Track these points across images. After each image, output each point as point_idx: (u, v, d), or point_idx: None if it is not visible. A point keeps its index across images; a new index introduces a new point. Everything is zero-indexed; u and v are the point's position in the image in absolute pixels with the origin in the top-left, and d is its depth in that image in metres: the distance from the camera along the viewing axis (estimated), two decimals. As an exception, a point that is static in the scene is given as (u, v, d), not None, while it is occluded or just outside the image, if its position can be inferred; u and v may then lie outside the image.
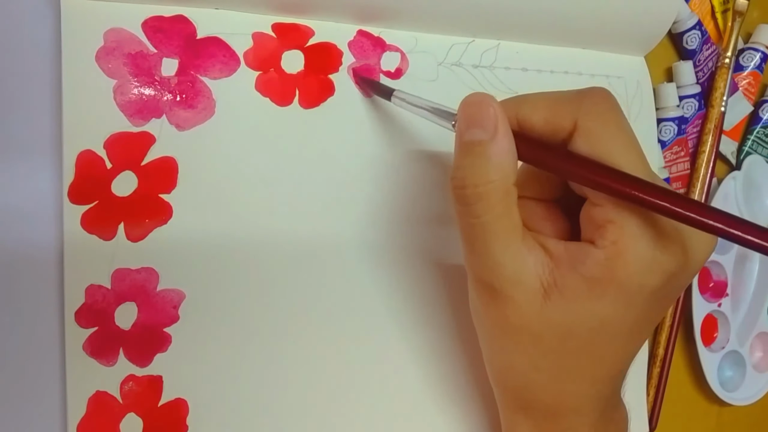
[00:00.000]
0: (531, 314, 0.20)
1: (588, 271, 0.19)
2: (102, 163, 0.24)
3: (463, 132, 0.20)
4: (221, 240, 0.26)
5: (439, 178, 0.30)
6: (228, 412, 0.26)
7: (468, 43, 0.31)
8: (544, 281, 0.20)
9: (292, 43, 0.27)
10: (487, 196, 0.20)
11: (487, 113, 0.20)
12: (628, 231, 0.19)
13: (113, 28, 0.24)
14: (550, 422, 0.23)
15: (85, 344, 0.24)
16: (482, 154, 0.20)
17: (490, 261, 0.20)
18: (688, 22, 0.38)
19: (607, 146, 0.19)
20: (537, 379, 0.22)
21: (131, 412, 0.24)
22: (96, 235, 0.24)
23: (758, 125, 0.43)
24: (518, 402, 0.23)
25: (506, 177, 0.20)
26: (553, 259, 0.20)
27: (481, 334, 0.24)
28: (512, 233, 0.20)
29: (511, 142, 0.20)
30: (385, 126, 0.29)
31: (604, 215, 0.19)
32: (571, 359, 0.21)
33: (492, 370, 0.24)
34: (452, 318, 0.30)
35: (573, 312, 0.20)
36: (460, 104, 0.21)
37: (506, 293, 0.20)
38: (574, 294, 0.20)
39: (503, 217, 0.20)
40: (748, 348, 0.42)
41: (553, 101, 0.21)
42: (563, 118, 0.20)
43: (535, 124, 0.21)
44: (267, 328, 0.27)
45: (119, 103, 0.24)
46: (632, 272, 0.19)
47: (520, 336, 0.21)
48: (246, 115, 0.26)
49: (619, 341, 0.21)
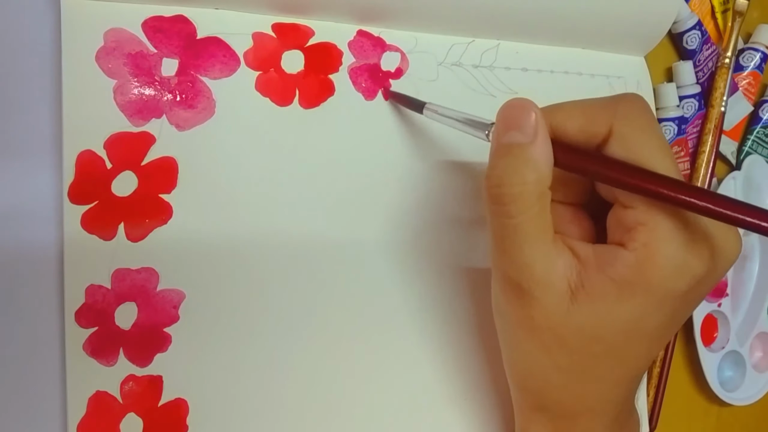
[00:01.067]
0: (557, 316, 0.20)
1: (617, 273, 0.19)
2: (102, 163, 0.24)
3: (502, 134, 0.21)
4: (221, 240, 0.26)
5: (438, 177, 0.30)
6: (228, 412, 0.26)
7: (468, 43, 0.31)
8: (572, 283, 0.20)
9: (292, 43, 0.27)
10: (523, 198, 0.20)
11: (527, 117, 0.20)
12: (660, 234, 0.19)
13: (113, 28, 0.24)
14: (566, 422, 0.23)
15: (85, 344, 0.24)
16: (520, 157, 0.20)
17: (520, 261, 0.20)
18: (688, 22, 0.38)
19: (642, 151, 0.20)
20: (558, 380, 0.22)
21: (131, 412, 0.24)
22: (96, 235, 0.24)
23: (758, 125, 0.43)
24: (536, 402, 0.23)
25: (542, 180, 0.20)
26: (581, 262, 0.20)
27: (502, 334, 0.24)
28: (544, 235, 0.20)
29: (549, 146, 0.20)
30: (385, 126, 0.29)
31: (635, 218, 0.19)
32: (594, 361, 0.21)
33: (512, 370, 0.24)
34: (456, 318, 0.30)
35: (599, 314, 0.20)
36: (501, 107, 0.21)
37: (533, 294, 0.20)
38: (602, 296, 0.20)
39: (536, 219, 0.20)
40: (748, 348, 0.42)
41: (587, 108, 0.21)
42: (598, 124, 0.21)
43: (569, 131, 0.21)
44: (267, 328, 0.27)
45: (119, 103, 0.24)
46: (662, 275, 0.19)
47: (544, 337, 0.21)
48: (246, 115, 0.27)
49: (642, 344, 0.21)
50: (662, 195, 0.18)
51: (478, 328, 0.31)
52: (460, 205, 0.31)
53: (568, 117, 0.21)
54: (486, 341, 0.31)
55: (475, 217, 0.31)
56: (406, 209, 0.30)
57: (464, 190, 0.31)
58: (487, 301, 0.31)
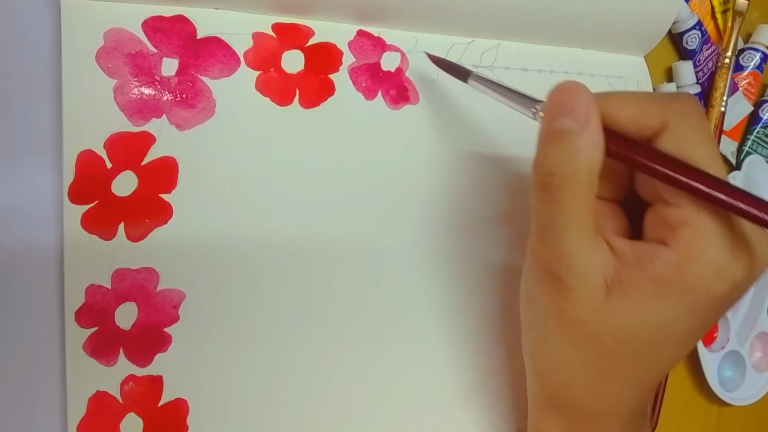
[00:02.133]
0: (590, 310, 0.20)
1: (656, 271, 0.19)
2: (102, 163, 0.24)
3: (553, 119, 0.20)
4: (221, 240, 0.26)
5: (439, 176, 0.30)
6: (228, 412, 0.26)
7: (468, 43, 0.31)
8: (608, 278, 0.20)
9: (292, 42, 0.27)
10: (572, 186, 0.20)
11: (580, 102, 0.20)
12: (705, 235, 0.19)
13: (113, 28, 0.24)
14: (584, 423, 0.23)
15: (85, 344, 0.24)
16: (572, 143, 0.20)
17: (562, 251, 0.20)
18: (688, 22, 0.38)
19: (694, 150, 0.19)
20: (581, 377, 0.22)
21: (131, 412, 0.24)
22: (96, 235, 0.24)
23: (758, 125, 0.43)
24: (554, 399, 0.23)
25: (593, 169, 0.20)
26: (618, 257, 0.20)
27: (530, 326, 0.23)
28: (588, 226, 0.20)
29: (601, 135, 0.20)
30: (385, 126, 0.29)
31: (680, 216, 0.19)
32: (621, 361, 0.21)
33: (534, 364, 0.24)
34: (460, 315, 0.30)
35: (633, 312, 0.20)
36: (552, 90, 0.21)
37: (570, 286, 0.20)
38: (638, 294, 0.19)
39: (583, 209, 0.20)
40: (748, 348, 0.42)
41: (641, 100, 0.21)
42: (652, 117, 0.20)
43: (621, 120, 0.21)
44: (267, 328, 0.27)
45: (119, 102, 0.24)
46: (703, 277, 0.19)
47: (574, 331, 0.21)
48: (246, 114, 0.26)
49: (671, 348, 0.21)
50: (712, 196, 0.18)
51: (489, 327, 0.31)
52: (461, 203, 0.31)
53: (620, 106, 0.21)
54: (494, 339, 0.31)
55: (476, 214, 0.31)
56: (406, 208, 0.29)
57: (465, 188, 0.31)
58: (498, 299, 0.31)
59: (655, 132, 0.20)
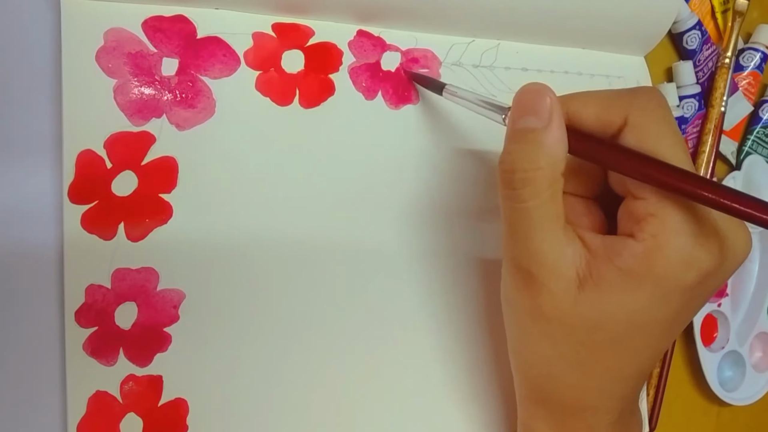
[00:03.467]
0: (564, 304, 0.20)
1: (625, 263, 0.19)
2: (102, 163, 0.24)
3: (517, 119, 0.21)
4: (221, 240, 0.26)
5: (439, 175, 0.30)
6: (228, 412, 0.26)
7: (468, 43, 0.31)
8: (580, 272, 0.20)
9: (292, 42, 0.27)
10: (535, 182, 0.20)
11: (543, 102, 0.20)
12: (670, 225, 0.19)
13: (113, 27, 0.24)
14: (569, 418, 0.23)
15: (85, 344, 0.24)
16: (534, 141, 0.20)
17: (531, 247, 0.21)
18: (688, 22, 0.38)
19: (657, 142, 0.20)
20: (561, 371, 0.22)
21: (131, 412, 0.24)
22: (96, 235, 0.24)
23: (758, 125, 0.43)
24: (539, 394, 0.23)
25: (555, 165, 0.20)
26: (590, 251, 0.20)
27: (509, 322, 0.24)
28: (555, 221, 0.20)
29: (564, 132, 0.20)
30: (385, 125, 0.29)
31: (645, 209, 0.19)
32: (598, 353, 0.21)
33: (516, 360, 0.24)
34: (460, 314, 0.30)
35: (605, 304, 0.20)
36: (517, 92, 0.21)
37: (542, 281, 0.21)
38: (609, 286, 0.20)
39: (548, 204, 0.20)
40: (748, 348, 0.42)
41: (603, 98, 0.21)
42: (614, 114, 0.21)
43: (585, 119, 0.21)
44: (267, 328, 0.27)
45: (119, 102, 0.24)
46: (670, 267, 0.19)
47: (550, 326, 0.21)
48: (246, 114, 0.26)
49: (648, 338, 0.21)
50: (673, 186, 0.18)
51: (484, 325, 0.31)
52: (461, 203, 0.31)
53: (583, 105, 0.21)
54: (493, 337, 0.31)
55: (477, 214, 0.31)
56: (406, 208, 0.29)
57: (465, 187, 0.31)
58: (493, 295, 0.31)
59: (618, 128, 0.21)
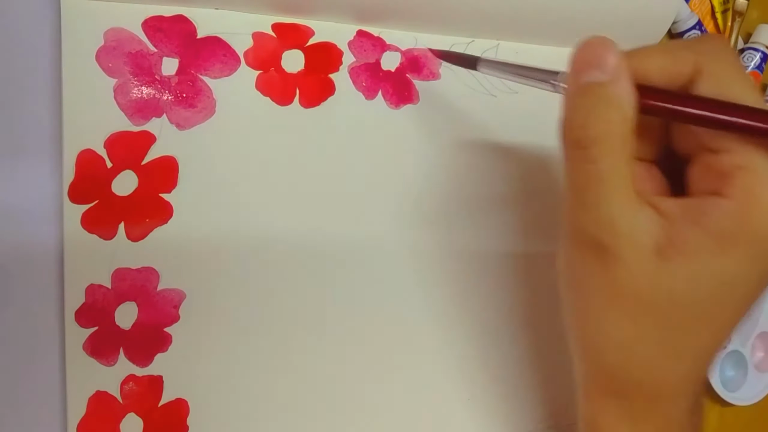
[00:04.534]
0: (643, 277, 0.19)
1: (715, 224, 0.18)
2: (102, 163, 0.24)
3: (580, 74, 0.19)
4: (221, 240, 0.26)
5: (440, 175, 0.30)
6: (228, 412, 0.26)
7: (468, 43, 0.31)
8: (659, 241, 0.18)
9: (292, 42, 0.28)
10: (608, 139, 0.18)
11: (607, 54, 0.19)
12: (763, 177, 0.17)
13: (113, 27, 0.24)
14: (645, 409, 0.21)
15: (86, 344, 0.24)
16: (603, 96, 0.19)
17: (603, 214, 0.19)
18: (688, 22, 0.38)
19: (734, 88, 0.18)
20: (638, 354, 0.20)
21: (131, 412, 0.24)
22: (96, 235, 0.24)
23: None
24: (610, 384, 0.21)
25: (627, 120, 0.18)
26: (666, 218, 0.19)
27: (574, 306, 0.22)
28: (628, 185, 0.19)
29: (632, 85, 0.19)
30: (385, 125, 0.29)
31: (731, 161, 0.18)
32: (683, 330, 0.19)
33: (582, 345, 0.22)
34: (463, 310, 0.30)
35: (693, 272, 0.18)
36: (577, 47, 0.20)
37: (617, 252, 0.19)
38: (696, 252, 0.18)
39: (620, 165, 0.19)
40: (750, 348, 0.42)
41: (668, 49, 0.20)
42: (683, 63, 0.19)
43: (651, 72, 0.19)
44: (267, 328, 0.27)
45: (119, 102, 0.24)
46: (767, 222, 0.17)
47: (627, 303, 0.19)
48: (246, 114, 0.26)
49: (735, 304, 0.19)
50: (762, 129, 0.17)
51: (491, 320, 0.31)
52: (462, 202, 0.31)
53: (648, 58, 0.19)
54: (500, 332, 0.31)
55: (477, 213, 0.31)
56: (406, 207, 0.29)
57: (466, 188, 0.31)
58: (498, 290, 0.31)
59: (689, 78, 0.19)
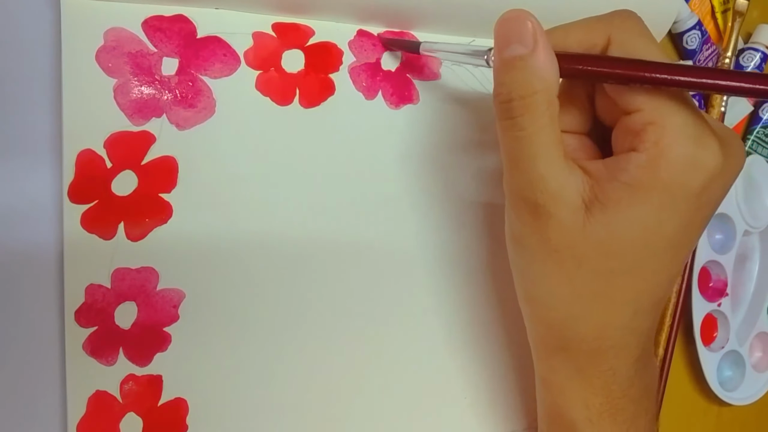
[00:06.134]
0: (574, 232, 0.20)
1: (630, 176, 0.19)
2: (102, 163, 0.24)
3: (503, 49, 0.21)
4: (221, 240, 0.26)
5: (440, 175, 0.30)
6: (228, 412, 0.26)
7: (468, 42, 0.31)
8: (585, 197, 0.20)
9: (292, 42, 0.27)
10: (533, 107, 0.20)
11: (525, 27, 0.20)
12: (670, 129, 0.19)
13: (113, 27, 0.24)
14: (591, 363, 0.22)
15: (85, 344, 0.24)
16: (525, 68, 0.20)
17: (535, 175, 0.20)
18: (688, 22, 0.38)
19: (640, 50, 0.20)
20: (579, 309, 0.22)
21: (131, 412, 0.24)
22: (96, 235, 0.24)
23: (758, 125, 0.43)
24: (555, 340, 0.23)
25: (549, 88, 0.20)
26: (592, 177, 0.20)
27: (519, 266, 0.23)
28: (556, 147, 0.20)
29: (552, 54, 0.20)
30: (385, 125, 0.29)
31: (642, 119, 0.19)
32: (615, 283, 0.21)
33: (530, 306, 0.23)
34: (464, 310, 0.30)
35: (616, 223, 0.20)
36: (496, 23, 0.21)
37: (549, 210, 0.20)
38: (617, 203, 0.20)
39: (547, 129, 0.20)
40: (748, 348, 0.42)
41: (583, 24, 0.22)
42: (596, 36, 0.21)
43: (568, 47, 0.21)
44: (267, 328, 0.27)
45: (119, 102, 0.24)
46: (676, 171, 0.19)
47: (562, 257, 0.21)
48: (246, 114, 0.26)
49: (662, 257, 0.21)
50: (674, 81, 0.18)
51: (491, 321, 0.31)
52: (462, 202, 0.31)
53: (565, 32, 0.22)
54: (499, 334, 0.31)
55: (478, 213, 0.31)
56: (406, 207, 0.29)
57: (466, 188, 0.31)
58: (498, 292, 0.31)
59: (602, 48, 0.21)
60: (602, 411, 0.23)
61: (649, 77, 0.19)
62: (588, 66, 0.20)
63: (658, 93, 0.19)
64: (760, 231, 0.42)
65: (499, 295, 0.31)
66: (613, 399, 0.23)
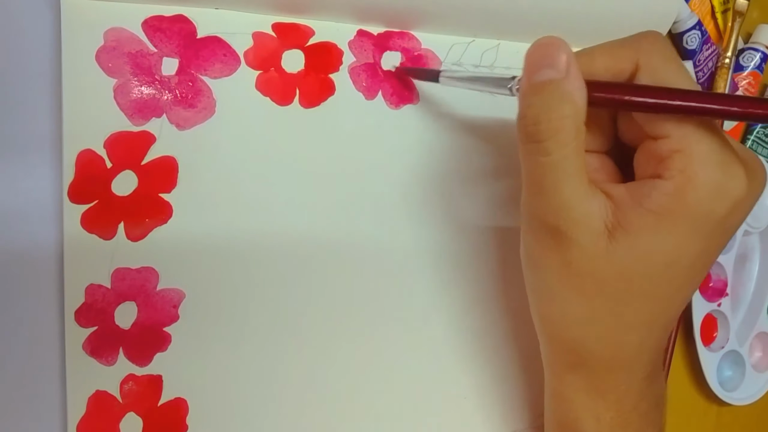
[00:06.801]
0: (595, 257, 0.20)
1: (655, 203, 0.19)
2: (102, 163, 0.24)
3: (534, 73, 0.20)
4: (221, 240, 0.26)
5: (440, 174, 0.30)
6: (228, 412, 0.26)
7: (468, 42, 0.31)
8: (608, 223, 0.20)
9: (292, 42, 0.27)
10: (561, 132, 0.20)
11: (558, 54, 0.20)
12: (696, 158, 0.19)
13: (113, 27, 0.24)
14: (605, 379, 0.23)
15: (85, 344, 0.24)
16: (555, 92, 0.20)
17: (558, 201, 0.20)
18: (688, 22, 0.38)
19: (669, 79, 0.20)
20: (595, 329, 0.22)
21: (131, 412, 0.24)
22: (96, 235, 0.24)
23: (758, 125, 0.43)
24: (570, 358, 0.23)
25: (579, 114, 0.20)
26: (614, 201, 0.20)
27: (535, 286, 0.23)
28: (581, 174, 0.20)
29: (582, 80, 0.20)
30: (385, 125, 0.29)
31: (668, 146, 0.19)
32: (634, 304, 0.21)
33: (544, 324, 0.23)
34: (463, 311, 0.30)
35: (639, 250, 0.20)
36: (530, 48, 0.21)
37: (571, 236, 0.20)
38: (640, 230, 0.20)
39: (573, 156, 0.20)
40: (748, 348, 0.42)
41: (610, 48, 0.21)
42: (624, 60, 0.21)
43: (595, 72, 0.21)
44: (267, 328, 0.27)
45: (119, 102, 0.24)
46: (702, 198, 0.19)
47: (582, 282, 0.21)
48: (246, 114, 0.26)
49: (681, 280, 0.21)
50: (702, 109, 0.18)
51: (489, 322, 0.31)
52: (462, 202, 0.31)
53: (591, 58, 0.21)
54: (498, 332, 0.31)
55: (478, 213, 0.31)
56: (406, 207, 0.29)
57: (466, 188, 0.31)
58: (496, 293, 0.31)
59: (630, 74, 0.21)
60: (613, 425, 0.23)
61: (682, 106, 0.18)
62: (619, 95, 0.20)
63: (686, 120, 0.19)
64: (760, 231, 0.42)
65: (499, 295, 0.31)
66: (624, 413, 0.23)
